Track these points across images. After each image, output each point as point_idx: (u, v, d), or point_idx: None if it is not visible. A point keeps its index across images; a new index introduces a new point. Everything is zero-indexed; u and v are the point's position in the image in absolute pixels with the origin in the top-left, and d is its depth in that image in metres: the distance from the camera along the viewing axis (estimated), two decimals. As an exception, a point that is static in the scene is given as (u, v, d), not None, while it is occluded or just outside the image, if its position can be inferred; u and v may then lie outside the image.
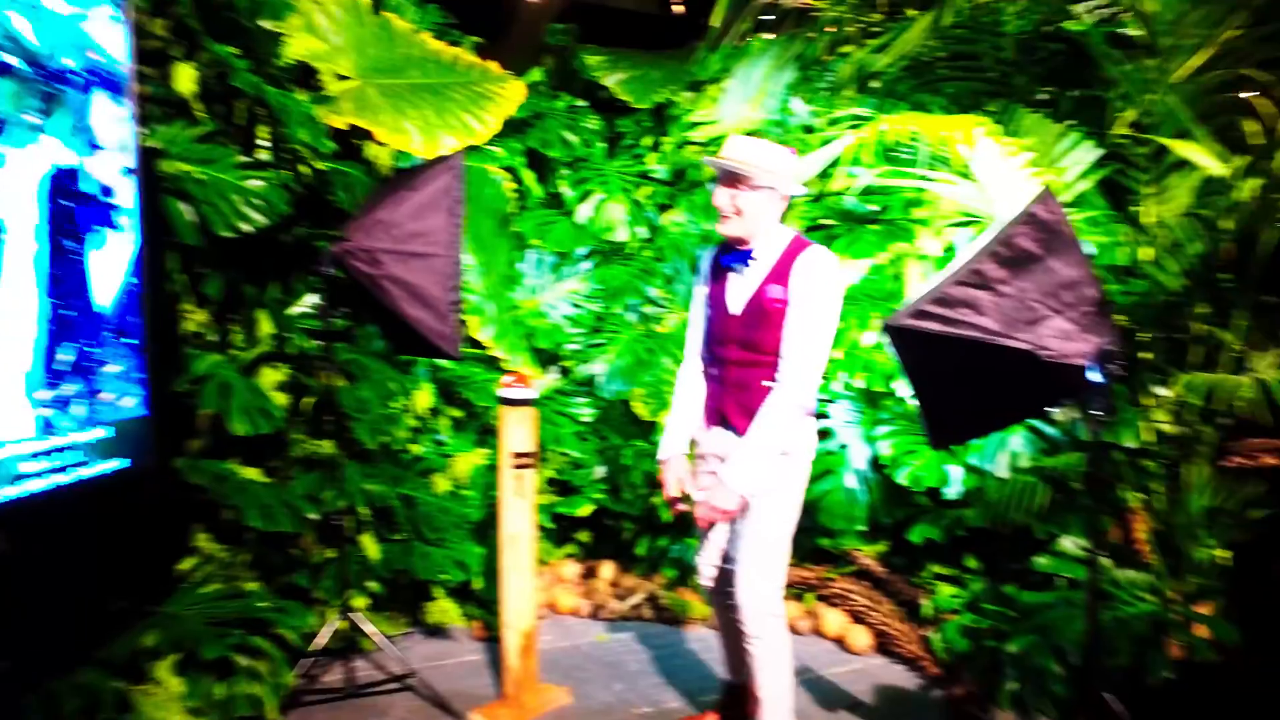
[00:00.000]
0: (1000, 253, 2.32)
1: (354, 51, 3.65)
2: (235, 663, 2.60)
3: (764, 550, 2.36)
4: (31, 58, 1.84)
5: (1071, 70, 3.41)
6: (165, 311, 2.76)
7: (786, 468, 2.37)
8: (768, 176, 2.23)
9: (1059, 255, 2.35)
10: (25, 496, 1.77)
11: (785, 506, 2.39)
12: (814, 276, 2.25)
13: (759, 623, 2.35)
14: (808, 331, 2.24)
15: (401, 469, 3.36)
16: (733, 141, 2.30)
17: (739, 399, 2.37)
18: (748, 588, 2.35)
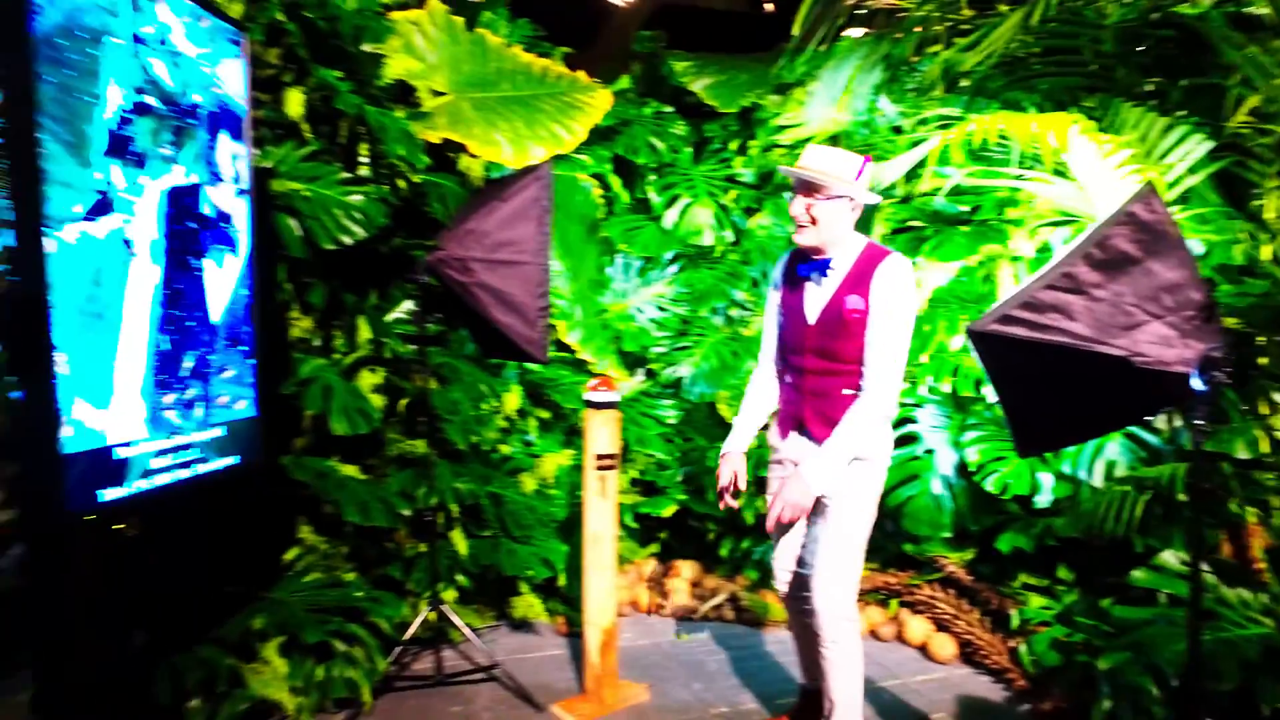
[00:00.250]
0: (1094, 255, 2.23)
1: (449, 68, 3.82)
2: (334, 647, 2.78)
3: (839, 555, 2.37)
4: (167, 97, 2.04)
5: (1182, 58, 3.22)
6: (274, 319, 2.98)
7: (863, 473, 2.37)
8: (843, 186, 2.22)
9: (1160, 257, 2.24)
10: (154, 489, 1.96)
11: (861, 512, 2.39)
12: (894, 286, 2.24)
13: (834, 627, 2.36)
14: (889, 341, 2.24)
15: (490, 468, 3.50)
16: (810, 150, 2.30)
17: (817, 407, 2.38)
18: (823, 592, 2.36)
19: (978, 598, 3.46)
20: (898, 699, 3.12)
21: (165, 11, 2.04)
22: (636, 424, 4.24)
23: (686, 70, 4.56)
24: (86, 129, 1.80)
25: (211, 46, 2.21)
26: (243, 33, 2.34)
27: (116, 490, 1.84)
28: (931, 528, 3.39)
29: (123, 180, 1.89)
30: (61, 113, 1.74)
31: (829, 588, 2.36)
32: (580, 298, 4.16)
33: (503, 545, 3.37)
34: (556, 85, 4.06)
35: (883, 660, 3.45)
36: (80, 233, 1.77)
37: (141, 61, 1.97)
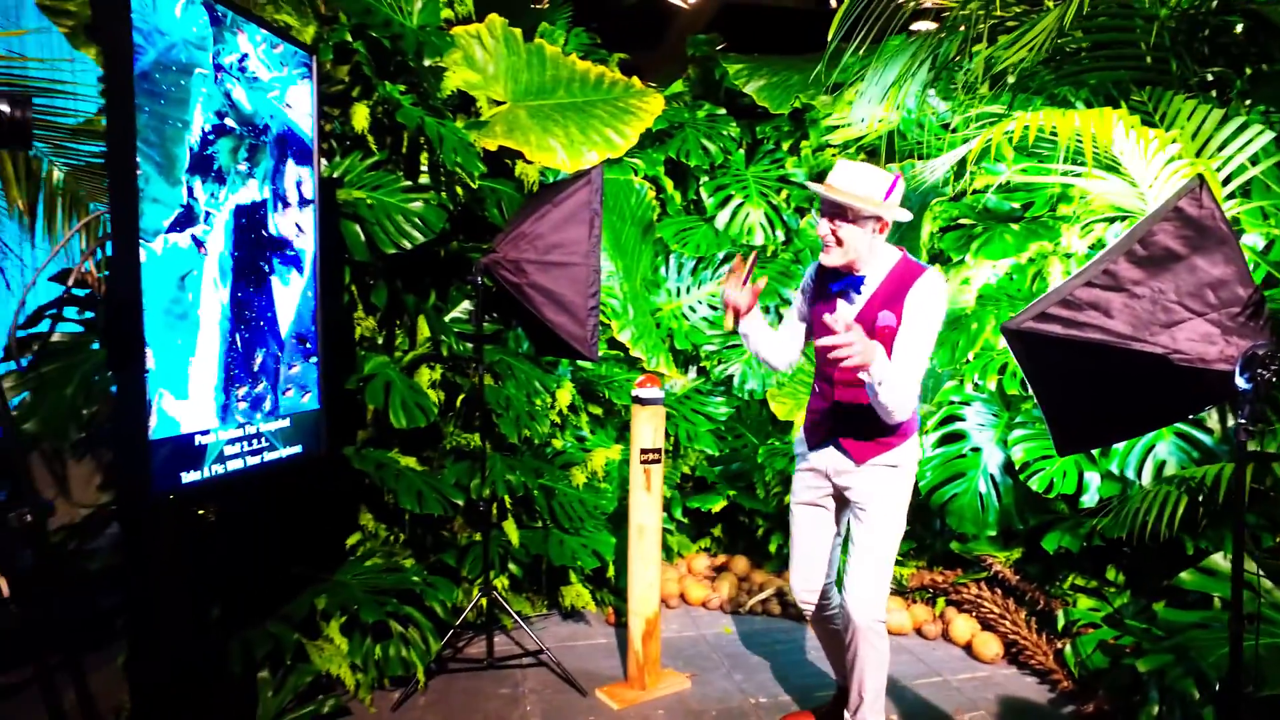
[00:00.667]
0: (1136, 251, 2.22)
1: (508, 78, 3.98)
2: (391, 628, 2.97)
3: (871, 562, 2.40)
4: (243, 118, 2.24)
5: (1250, 46, 3.14)
6: (340, 319, 3.19)
7: (893, 480, 2.40)
8: (871, 207, 2.21)
9: (1207, 253, 2.21)
10: (227, 474, 2.16)
11: (892, 520, 2.42)
12: (928, 302, 2.24)
13: (867, 631, 2.40)
14: (909, 350, 2.24)
15: (543, 462, 3.65)
16: (838, 169, 2.28)
17: (847, 420, 2.41)
18: (855, 598, 2.39)
19: (1024, 598, 3.45)
20: (937, 696, 3.13)
21: (244, 40, 2.23)
22: (688, 420, 4.33)
23: (739, 72, 4.63)
24: (175, 150, 2.00)
25: (284, 69, 2.41)
26: (311, 55, 2.52)
27: (195, 474, 2.04)
28: (976, 526, 3.39)
29: (203, 195, 2.09)
30: (155, 138, 1.93)
31: (862, 593, 2.39)
32: (633, 297, 4.28)
33: (553, 536, 3.52)
34: (610, 91, 4.17)
35: (926, 658, 3.47)
36: (167, 243, 1.97)
37: (223, 87, 2.16)
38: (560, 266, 3.23)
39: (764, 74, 4.58)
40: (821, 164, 4.41)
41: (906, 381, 2.19)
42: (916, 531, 3.94)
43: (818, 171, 4.49)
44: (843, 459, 2.43)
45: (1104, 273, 2.20)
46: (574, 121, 3.96)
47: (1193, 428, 3.03)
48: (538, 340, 3.63)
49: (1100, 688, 2.96)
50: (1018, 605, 3.45)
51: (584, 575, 3.77)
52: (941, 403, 3.58)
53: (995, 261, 3.54)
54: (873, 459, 2.39)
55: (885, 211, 2.23)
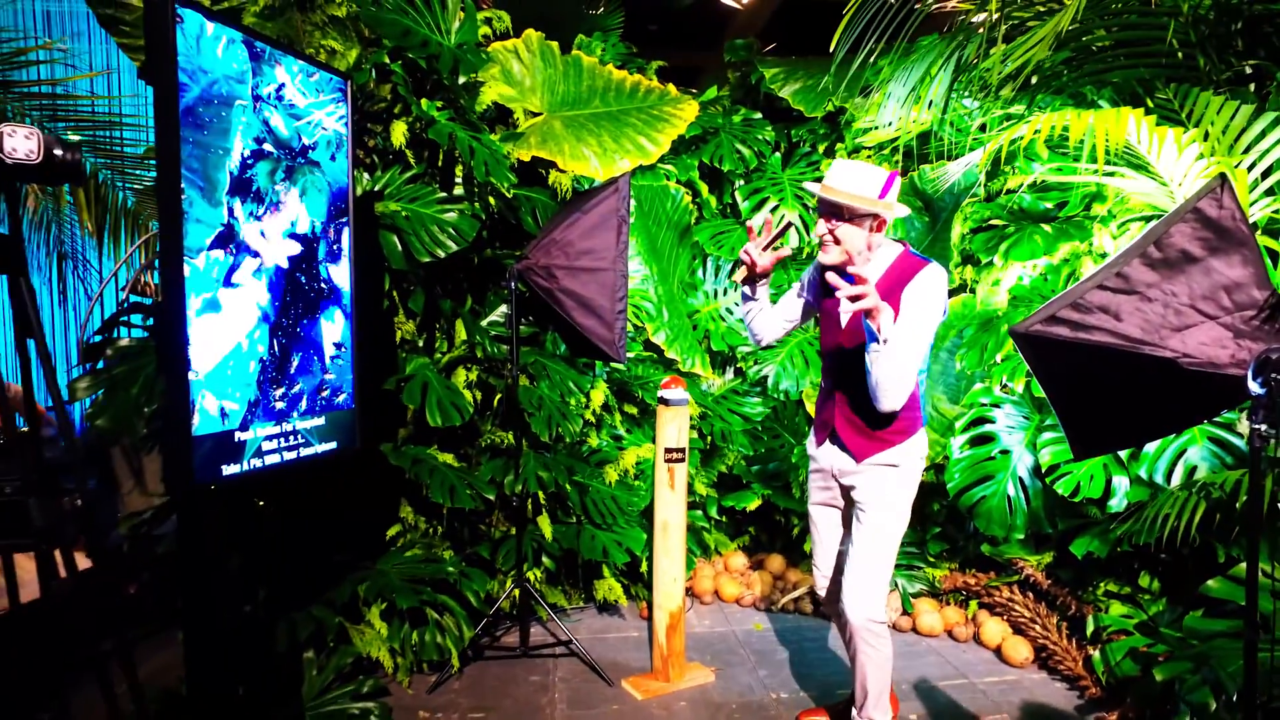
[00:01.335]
0: (1151, 254, 2.21)
1: (544, 90, 4.13)
2: (427, 615, 3.15)
3: (869, 562, 2.44)
4: (280, 142, 2.44)
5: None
6: (381, 323, 3.39)
7: (895, 481, 2.42)
8: (866, 206, 2.25)
9: (1224, 255, 2.18)
10: (265, 467, 2.35)
11: (892, 521, 2.45)
12: (925, 296, 2.25)
13: (865, 630, 2.44)
14: (905, 339, 2.23)
15: (577, 460, 3.78)
16: (834, 169, 2.31)
17: (847, 415, 2.44)
18: (850, 598, 2.44)
19: (1056, 602, 3.41)
20: (962, 698, 3.14)
21: (281, 71, 2.43)
22: (724, 420, 4.41)
23: (775, 76, 4.67)
24: (217, 176, 2.20)
25: (319, 95, 2.60)
26: (346, 80, 2.71)
27: (235, 467, 2.24)
28: (1003, 528, 3.37)
29: (242, 214, 2.29)
30: (198, 165, 2.14)
31: (859, 594, 2.43)
32: (669, 300, 4.38)
33: (585, 531, 3.65)
34: (645, 99, 4.28)
35: (955, 660, 3.46)
36: (209, 258, 2.17)
37: (261, 116, 2.36)
38: (589, 272, 3.35)
39: (799, 77, 4.61)
40: (858, 165, 4.42)
41: (901, 367, 2.20)
42: (949, 533, 3.93)
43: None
44: (845, 457, 2.47)
45: (1116, 275, 2.19)
46: (607, 130, 4.08)
47: (1226, 431, 2.95)
48: (572, 343, 3.76)
49: (1129, 696, 2.91)
50: (1049, 610, 3.41)
51: (618, 569, 3.89)
52: (971, 404, 3.56)
53: (1024, 263, 3.51)
54: (872, 457, 2.42)
55: (881, 209, 2.26)
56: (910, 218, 4.18)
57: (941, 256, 3.96)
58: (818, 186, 2.35)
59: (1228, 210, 2.15)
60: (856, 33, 2.83)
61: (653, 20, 7.72)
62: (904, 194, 4.17)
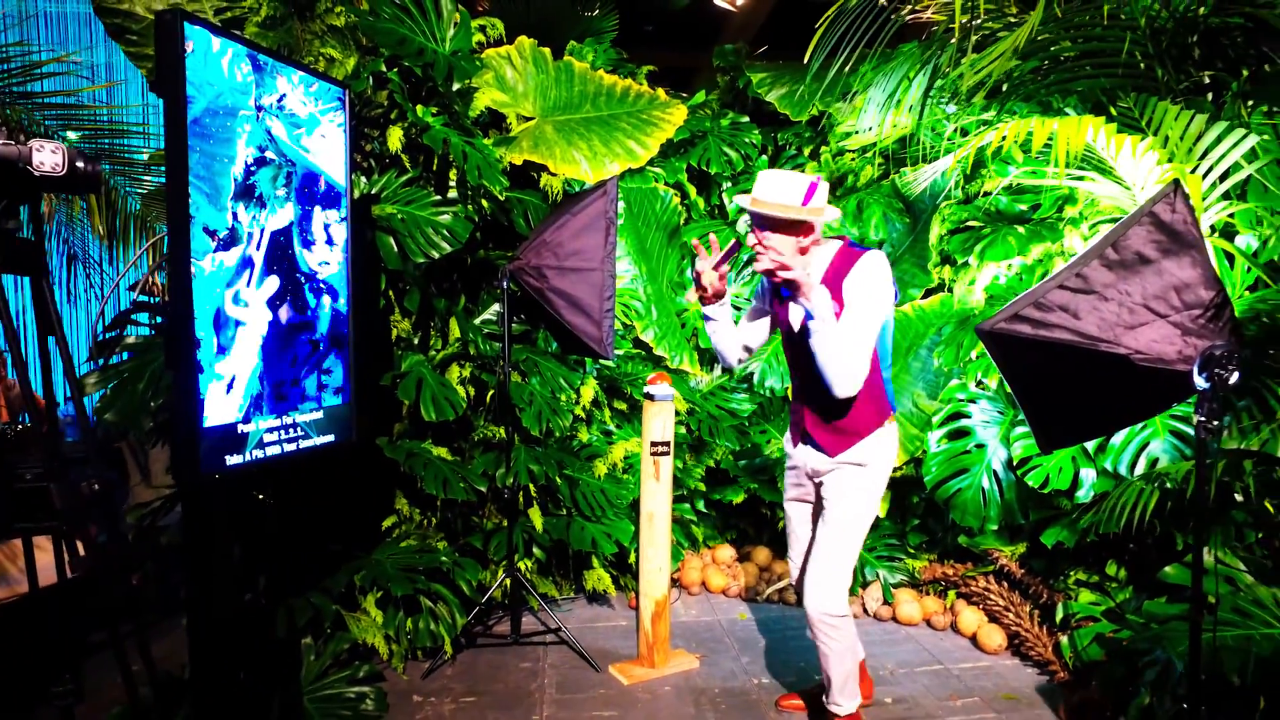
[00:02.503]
0: (1109, 256, 2.33)
1: (537, 95, 4.26)
2: (421, 603, 3.27)
3: (827, 558, 2.50)
4: (282, 150, 2.56)
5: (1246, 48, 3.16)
6: (378, 321, 3.51)
7: (860, 478, 2.49)
8: (789, 214, 2.27)
9: (1175, 256, 2.31)
10: (266, 458, 2.47)
11: (856, 517, 2.51)
12: (863, 280, 2.31)
13: (824, 623, 2.52)
14: (850, 325, 2.29)
15: (569, 454, 3.91)
16: (759, 181, 2.33)
17: (815, 414, 2.52)
18: (808, 591, 2.52)
19: (1029, 591, 3.54)
20: (935, 683, 3.27)
21: (282, 81, 2.55)
22: (712, 416, 4.53)
23: (762, 81, 4.79)
24: (222, 182, 2.32)
25: (319, 103, 2.72)
26: (345, 89, 2.83)
27: (238, 458, 2.36)
28: (977, 520, 3.49)
29: (246, 217, 2.41)
30: (204, 172, 2.26)
31: (813, 588, 2.50)
32: (657, 299, 4.50)
33: (575, 523, 3.77)
34: (635, 103, 4.40)
35: (932, 648, 3.59)
36: (214, 261, 2.30)
37: (263, 124, 2.48)
38: (578, 272, 3.47)
39: (785, 82, 4.74)
40: (841, 168, 4.55)
41: (849, 350, 2.25)
42: (928, 525, 4.06)
43: (839, 175, 4.63)
44: (818, 455, 2.54)
45: (1076, 275, 2.32)
46: (597, 134, 4.20)
47: (1186, 425, 3.08)
48: (561, 340, 3.88)
49: (1093, 679, 3.04)
50: (1022, 598, 3.54)
51: (607, 560, 4.02)
52: (948, 399, 3.69)
53: (999, 263, 3.64)
54: (844, 453, 2.49)
55: (806, 216, 2.28)
56: (891, 219, 4.30)
57: (920, 257, 4.09)
58: (747, 199, 2.37)
59: (1180, 214, 2.28)
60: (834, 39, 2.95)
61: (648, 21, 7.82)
62: (884, 195, 4.29)
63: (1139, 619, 3.07)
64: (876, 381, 2.46)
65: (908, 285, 4.11)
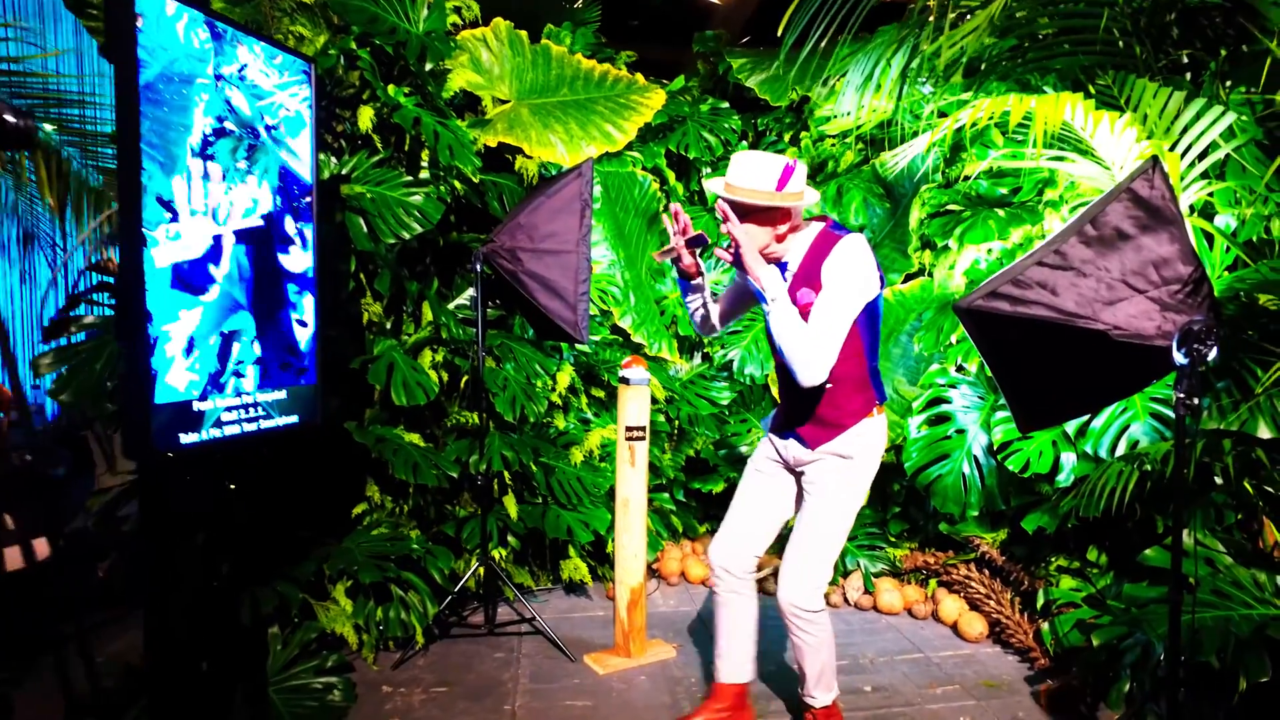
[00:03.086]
0: (1087, 231, 2.30)
1: (513, 78, 4.19)
2: (392, 592, 3.19)
3: (810, 552, 2.36)
4: (243, 122, 2.49)
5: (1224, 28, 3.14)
6: (348, 303, 3.44)
7: (843, 472, 2.36)
8: (763, 200, 2.15)
9: (1154, 232, 2.27)
10: (224, 437, 2.40)
11: (835, 513, 2.37)
12: (841, 264, 2.20)
13: (790, 614, 2.39)
14: (821, 308, 2.18)
15: (544, 441, 3.84)
16: (732, 165, 2.20)
17: (794, 404, 2.39)
18: (783, 582, 2.37)
19: (1010, 578, 3.50)
20: (914, 671, 3.22)
21: (243, 51, 2.48)
22: (690, 404, 4.48)
23: (743, 67, 4.75)
24: (177, 151, 2.25)
25: (283, 76, 2.65)
26: (310, 63, 2.76)
27: (194, 435, 2.29)
28: (958, 506, 3.45)
29: (203, 190, 2.34)
30: (158, 140, 2.18)
31: (789, 580, 2.35)
32: (635, 285, 4.44)
33: (551, 511, 3.70)
34: (613, 88, 4.35)
35: (912, 636, 3.55)
36: (169, 232, 2.22)
37: (223, 94, 2.41)
38: (553, 254, 3.41)
39: (765, 67, 4.69)
40: (822, 154, 4.51)
41: (815, 337, 2.15)
42: (910, 513, 4.02)
43: (820, 161, 4.58)
44: (800, 447, 2.41)
45: (1054, 252, 2.28)
46: (574, 118, 4.14)
47: (1166, 406, 3.05)
48: (537, 325, 3.82)
49: (1074, 665, 3.01)
50: (1004, 586, 3.51)
51: (584, 550, 3.95)
52: (929, 384, 3.65)
53: (979, 246, 3.60)
54: (826, 445, 2.35)
55: (781, 201, 2.16)
56: (871, 204, 4.26)
57: (900, 241, 4.05)
58: (720, 184, 2.24)
59: (1158, 190, 2.25)
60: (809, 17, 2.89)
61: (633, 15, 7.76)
62: (865, 180, 4.25)
63: (1119, 604, 3.03)
64: (863, 370, 2.34)
65: (888, 270, 4.07)
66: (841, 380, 2.31)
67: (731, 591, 2.62)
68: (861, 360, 2.34)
